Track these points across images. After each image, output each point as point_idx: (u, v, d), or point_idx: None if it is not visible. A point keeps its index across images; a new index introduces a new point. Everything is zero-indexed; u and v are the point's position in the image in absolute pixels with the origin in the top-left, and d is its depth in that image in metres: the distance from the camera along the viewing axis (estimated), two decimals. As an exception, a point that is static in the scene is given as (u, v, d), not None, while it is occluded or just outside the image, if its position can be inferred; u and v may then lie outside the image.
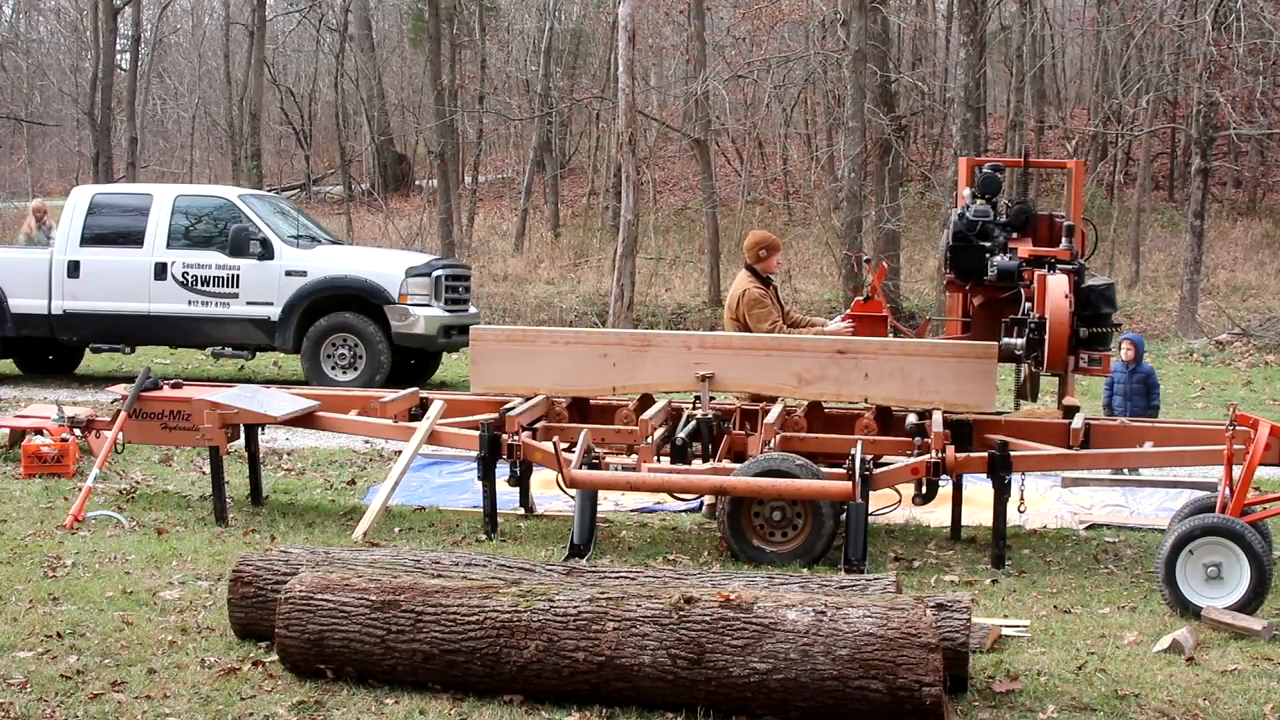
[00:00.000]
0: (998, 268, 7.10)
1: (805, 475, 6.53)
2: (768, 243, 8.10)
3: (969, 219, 7.29)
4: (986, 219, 7.29)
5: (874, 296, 8.37)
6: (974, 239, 7.25)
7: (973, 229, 7.27)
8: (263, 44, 29.70)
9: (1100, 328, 7.01)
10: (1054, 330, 6.65)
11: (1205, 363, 16.26)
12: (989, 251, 7.17)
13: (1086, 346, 6.94)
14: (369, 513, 7.20)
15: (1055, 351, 6.71)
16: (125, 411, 7.73)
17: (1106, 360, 7.16)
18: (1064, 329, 6.66)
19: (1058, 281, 6.74)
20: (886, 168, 20.86)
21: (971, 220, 7.29)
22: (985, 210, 7.34)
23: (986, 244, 7.20)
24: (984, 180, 7.53)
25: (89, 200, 14.01)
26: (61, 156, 40.05)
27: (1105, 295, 6.98)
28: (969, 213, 7.32)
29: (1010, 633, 5.39)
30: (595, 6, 33.75)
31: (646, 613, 4.47)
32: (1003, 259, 7.10)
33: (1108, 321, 7.03)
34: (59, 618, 5.52)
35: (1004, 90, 32.08)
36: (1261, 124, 21.55)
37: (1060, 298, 6.66)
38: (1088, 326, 6.95)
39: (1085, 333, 6.89)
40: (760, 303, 7.86)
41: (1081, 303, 6.90)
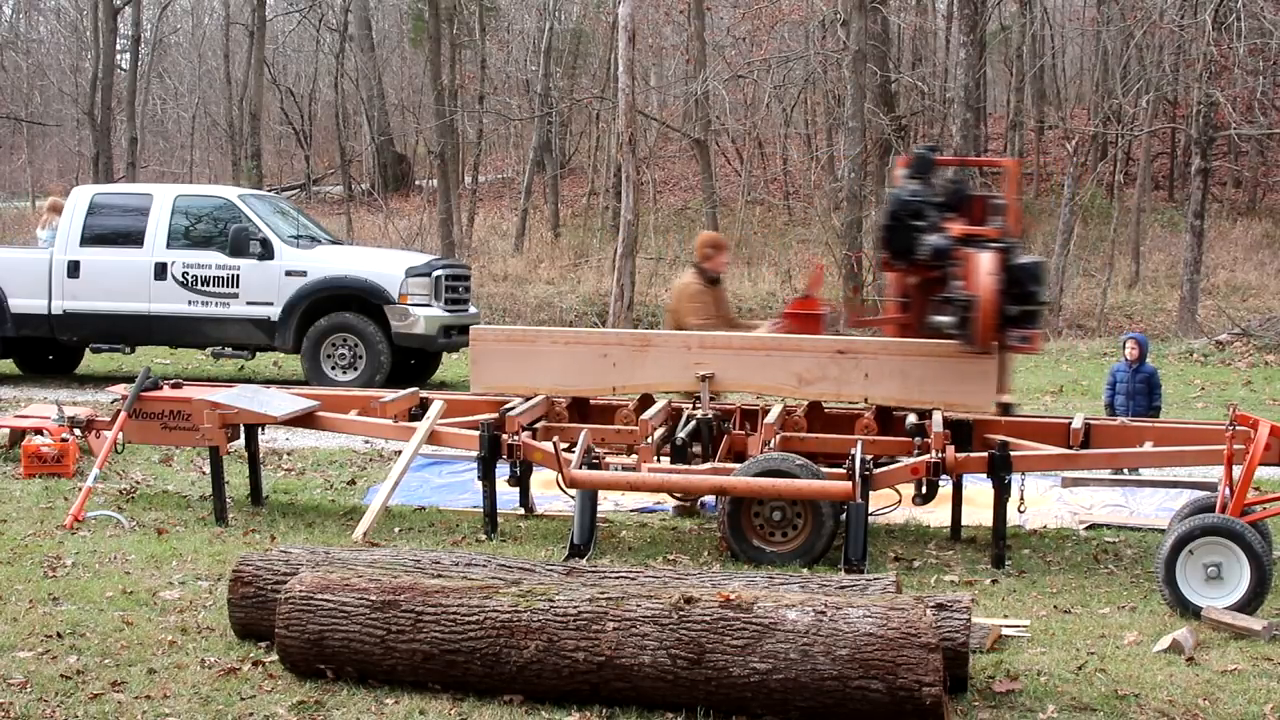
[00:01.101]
0: (930, 246, 7.09)
1: (805, 475, 6.53)
2: (714, 242, 8.37)
3: (902, 199, 7.32)
4: (920, 198, 7.32)
5: (810, 295, 8.48)
6: (907, 219, 7.27)
7: (906, 208, 7.29)
8: (263, 44, 29.70)
9: (1029, 305, 7.02)
10: (982, 306, 6.68)
11: (1205, 363, 16.26)
12: (922, 231, 7.18)
13: (1016, 324, 6.99)
14: (369, 513, 7.20)
15: (984, 328, 6.73)
16: (125, 411, 7.73)
17: (1036, 339, 7.19)
18: (992, 305, 6.67)
19: (985, 259, 6.74)
20: (886, 168, 20.86)
21: (905, 200, 7.31)
22: (919, 190, 7.37)
23: (920, 223, 7.20)
24: (917, 160, 7.54)
25: (89, 200, 14.00)
26: (61, 156, 40.05)
27: (1033, 273, 7.02)
28: (904, 193, 7.35)
29: (1010, 633, 5.39)
30: (595, 6, 33.75)
31: (646, 613, 4.47)
32: (935, 238, 7.09)
33: (1036, 299, 7.05)
34: (59, 618, 5.52)
35: (1004, 90, 32.10)
36: (1261, 124, 21.55)
37: (987, 275, 6.68)
38: (1017, 304, 6.96)
39: (1015, 311, 6.94)
40: (697, 297, 8.06)
41: (1010, 281, 6.89)
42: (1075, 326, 19.96)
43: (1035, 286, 6.99)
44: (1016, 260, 6.93)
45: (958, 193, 7.51)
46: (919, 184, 7.35)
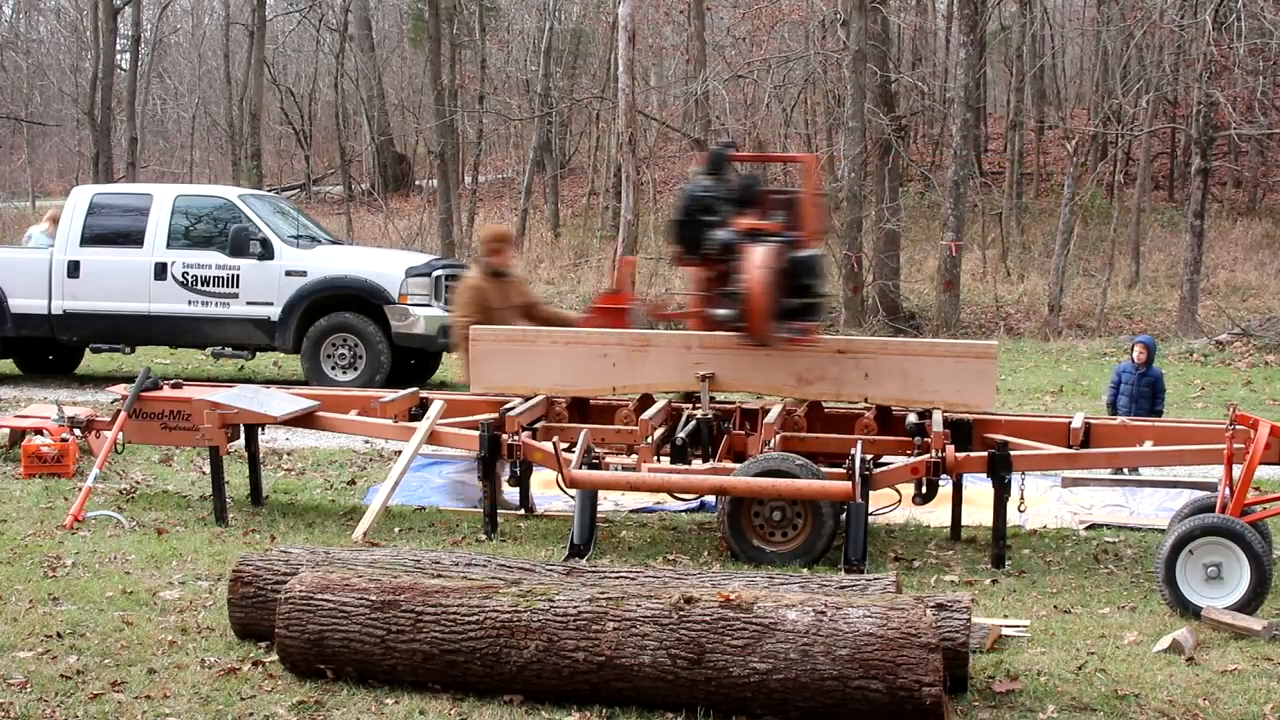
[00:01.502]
0: (717, 241, 7.22)
1: (805, 475, 6.53)
2: (498, 236, 8.49)
3: (694, 194, 7.45)
4: (710, 194, 7.44)
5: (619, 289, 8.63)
6: (698, 213, 7.39)
7: (697, 203, 7.42)
8: (263, 44, 29.70)
9: (806, 298, 7.17)
10: (753, 299, 6.80)
11: (1205, 363, 16.25)
12: (712, 226, 7.28)
13: (794, 316, 7.10)
14: (369, 513, 7.20)
15: (756, 320, 6.87)
16: (125, 411, 7.74)
17: (811, 330, 7.30)
18: (763, 298, 6.78)
19: (759, 252, 6.87)
20: (886, 168, 20.86)
21: (696, 195, 7.44)
22: (711, 186, 7.49)
23: (710, 218, 7.33)
24: (712, 156, 7.69)
25: (89, 200, 14.00)
26: (61, 156, 40.06)
27: (809, 266, 7.15)
28: (694, 188, 7.49)
29: (1010, 633, 5.39)
30: (595, 6, 33.75)
31: (646, 613, 4.47)
32: (722, 232, 7.22)
33: (813, 292, 7.20)
34: (59, 618, 5.52)
35: (1004, 90, 32.09)
36: (1261, 124, 21.54)
37: (759, 267, 6.79)
38: (794, 297, 7.10)
39: (793, 303, 7.05)
40: (464, 293, 8.21)
41: (787, 274, 7.02)
42: (1075, 326, 19.95)
43: (812, 279, 7.19)
44: (794, 254, 7.09)
45: (748, 188, 7.66)
46: (712, 180, 7.52)
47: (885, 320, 19.19)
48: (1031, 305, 21.47)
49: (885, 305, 19.67)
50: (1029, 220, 27.15)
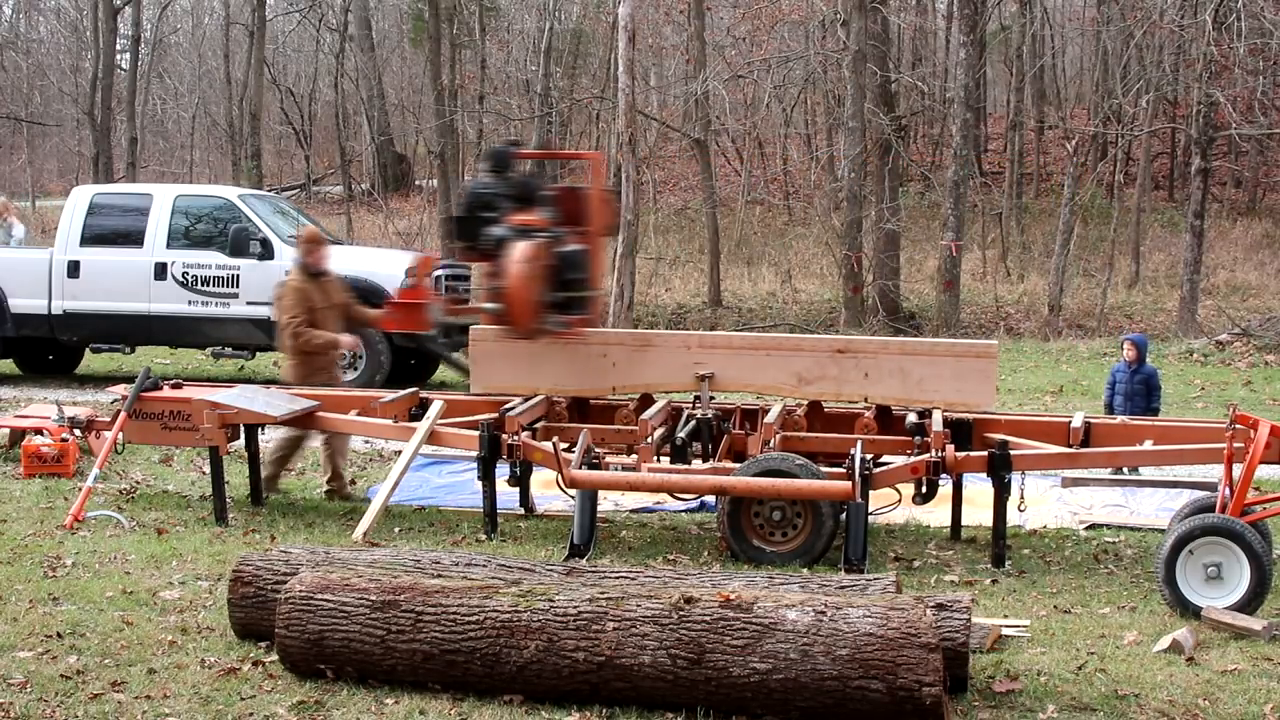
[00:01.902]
0: (492, 237, 7.41)
1: (805, 475, 6.53)
2: (311, 238, 8.74)
3: (474, 191, 7.63)
4: (491, 191, 7.59)
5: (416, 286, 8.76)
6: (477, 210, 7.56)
7: (476, 200, 7.58)
8: (263, 44, 29.69)
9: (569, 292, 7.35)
10: (510, 293, 7.00)
11: (1205, 363, 16.25)
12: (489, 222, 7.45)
13: (559, 310, 7.26)
14: (369, 513, 7.20)
15: (515, 313, 7.06)
16: (125, 411, 7.74)
17: (575, 324, 7.45)
18: (520, 292, 6.97)
19: (520, 247, 7.05)
20: (886, 168, 20.86)
21: (476, 192, 7.67)
22: (490, 183, 7.65)
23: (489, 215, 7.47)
24: (492, 154, 7.86)
25: (89, 200, 14.00)
26: (61, 156, 40.05)
27: (572, 261, 7.31)
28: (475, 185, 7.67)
29: (1010, 633, 5.39)
30: (595, 6, 33.73)
31: (646, 613, 4.47)
32: (496, 229, 7.41)
33: (578, 286, 7.37)
34: (59, 618, 5.52)
35: (1004, 90, 32.10)
36: (1261, 124, 21.54)
37: (518, 263, 6.97)
38: (558, 291, 7.29)
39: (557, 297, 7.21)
40: (284, 296, 8.44)
41: (552, 268, 7.22)
42: (1075, 326, 19.95)
43: (576, 274, 7.38)
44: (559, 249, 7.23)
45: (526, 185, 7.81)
46: (493, 177, 7.69)
47: (885, 320, 19.19)
48: (1031, 305, 21.47)
49: (885, 305, 19.67)
50: (1029, 220, 27.15)
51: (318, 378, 8.48)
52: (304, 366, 8.47)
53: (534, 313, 7.05)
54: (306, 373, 8.45)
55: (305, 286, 8.48)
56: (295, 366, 8.48)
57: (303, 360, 8.46)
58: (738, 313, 21.35)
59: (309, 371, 8.46)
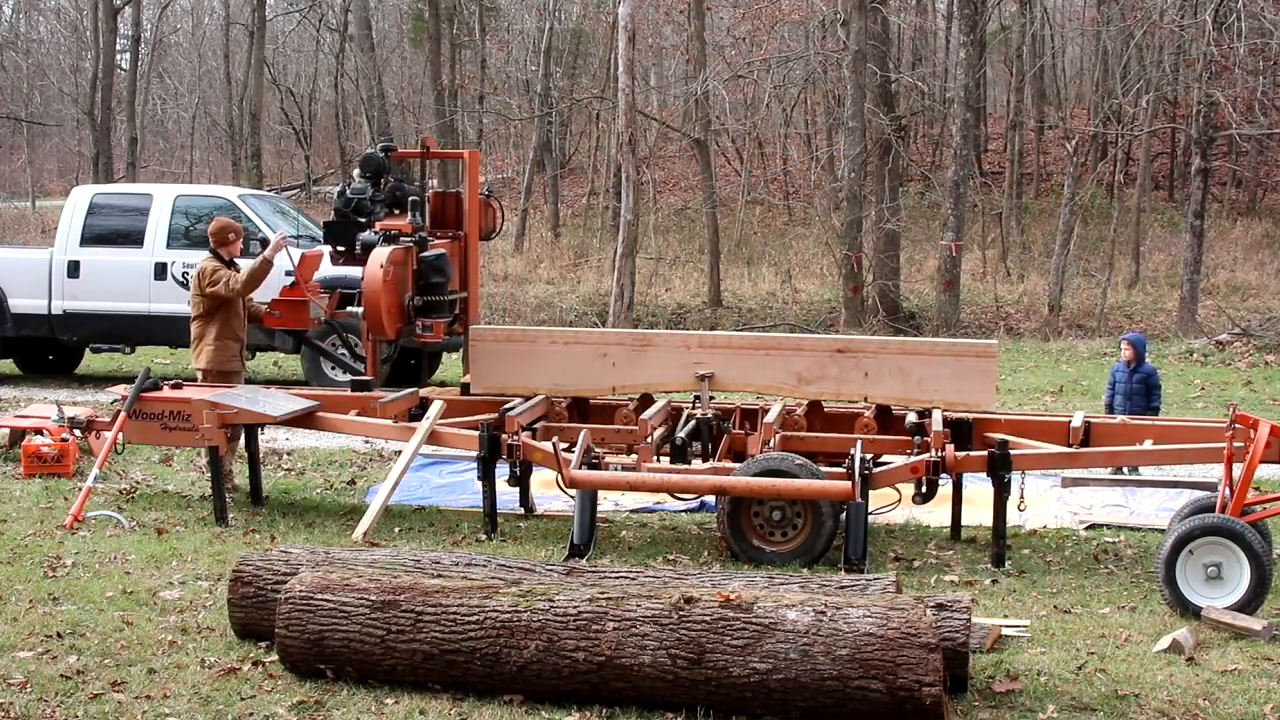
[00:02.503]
0: (362, 242, 7.52)
1: (805, 475, 6.53)
2: (230, 229, 8.67)
3: (347, 196, 7.67)
4: (363, 196, 7.64)
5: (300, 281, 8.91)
6: (350, 215, 7.59)
7: (349, 205, 7.63)
8: (263, 44, 29.69)
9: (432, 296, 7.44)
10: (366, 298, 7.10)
11: (1205, 363, 16.25)
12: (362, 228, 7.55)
13: (422, 314, 7.28)
14: (369, 513, 7.20)
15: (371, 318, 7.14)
16: (125, 412, 7.73)
17: (438, 328, 7.59)
18: (376, 297, 7.05)
19: (376, 254, 7.15)
20: (886, 168, 20.85)
21: (349, 198, 7.67)
22: (363, 188, 7.67)
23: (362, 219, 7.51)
24: (365, 159, 7.88)
25: (89, 200, 14.00)
26: (61, 156, 40.05)
27: (435, 265, 7.42)
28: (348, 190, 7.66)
29: (1010, 633, 5.39)
30: (595, 6, 33.73)
31: (646, 613, 4.47)
32: (367, 234, 7.55)
33: (441, 290, 7.45)
34: (59, 618, 5.52)
35: (1004, 90, 32.09)
36: (1261, 124, 21.53)
37: (375, 268, 7.06)
38: (421, 295, 7.38)
39: (417, 301, 7.23)
40: (213, 271, 8.37)
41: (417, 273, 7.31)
42: (1075, 326, 19.95)
43: (436, 278, 7.46)
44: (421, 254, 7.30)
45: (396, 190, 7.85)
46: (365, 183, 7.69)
47: (885, 320, 19.19)
48: (1031, 305, 21.47)
49: (885, 305, 19.67)
50: (1029, 220, 27.15)
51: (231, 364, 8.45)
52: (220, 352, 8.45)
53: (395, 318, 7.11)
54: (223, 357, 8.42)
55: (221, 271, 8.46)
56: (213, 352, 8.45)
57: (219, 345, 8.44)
58: (738, 313, 21.34)
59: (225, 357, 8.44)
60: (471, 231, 8.16)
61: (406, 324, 7.28)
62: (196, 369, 8.57)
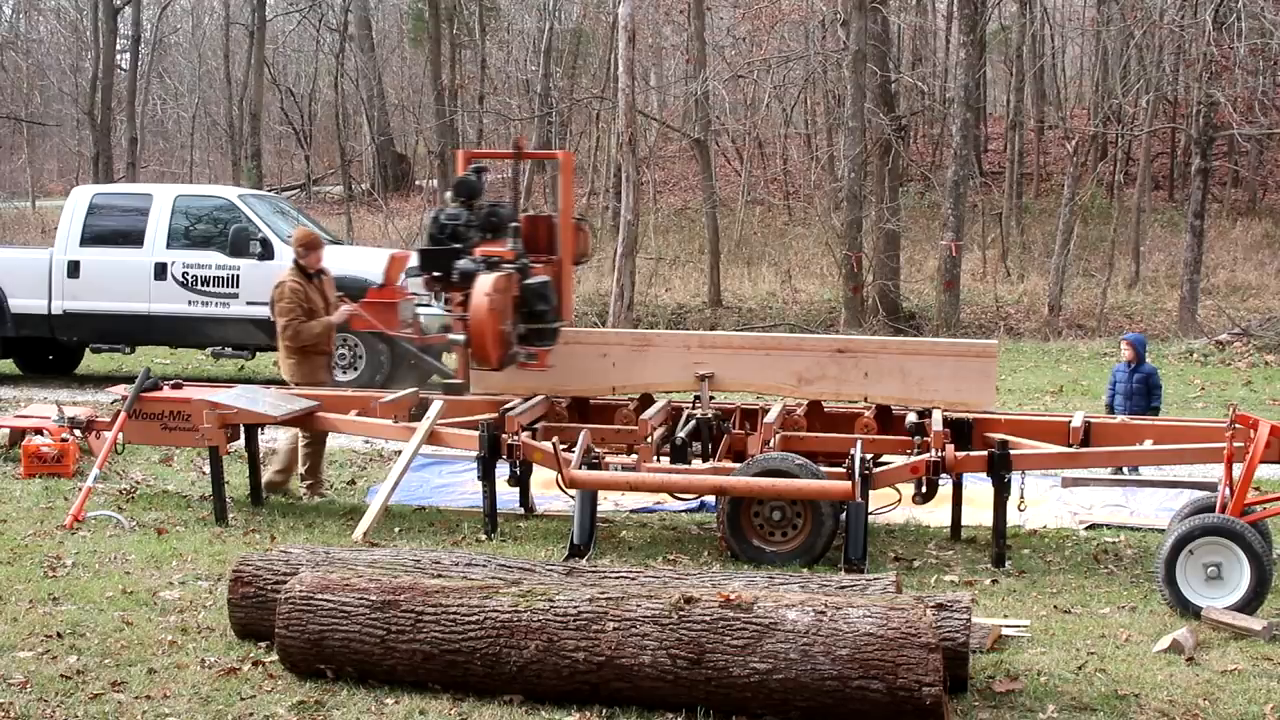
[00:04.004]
0: (459, 270, 7.34)
1: (805, 475, 6.53)
2: (306, 241, 8.72)
3: (441, 222, 7.55)
4: (458, 221, 7.53)
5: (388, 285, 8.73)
6: (446, 241, 7.50)
7: (444, 231, 7.53)
8: (263, 44, 29.68)
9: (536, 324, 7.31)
10: (474, 325, 6.96)
11: (1205, 363, 16.25)
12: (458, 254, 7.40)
13: (525, 342, 7.19)
14: (369, 513, 7.20)
15: (478, 346, 7.01)
16: (125, 412, 7.74)
17: (542, 356, 7.40)
18: (482, 324, 6.93)
19: (484, 280, 7.01)
20: (886, 168, 20.85)
21: (443, 223, 7.56)
22: (458, 213, 7.58)
23: (458, 246, 7.42)
24: (459, 183, 7.78)
25: (89, 200, 14.00)
26: (61, 156, 40.05)
27: (539, 292, 7.27)
28: (442, 215, 7.58)
29: (1010, 633, 5.39)
30: (595, 6, 33.72)
31: (646, 613, 4.47)
32: (464, 261, 7.35)
33: (545, 318, 7.32)
34: (59, 618, 5.52)
35: (1004, 90, 32.07)
36: (1261, 124, 21.53)
37: (481, 295, 6.94)
38: (526, 323, 7.24)
39: (521, 329, 7.14)
40: (283, 297, 8.43)
41: (520, 300, 7.18)
42: (1075, 326, 19.95)
43: (541, 306, 7.30)
44: (525, 281, 7.21)
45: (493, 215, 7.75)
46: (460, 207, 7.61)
47: (885, 320, 19.19)
48: (1031, 305, 21.47)
49: (885, 305, 19.67)
50: (1029, 220, 27.14)
51: (317, 375, 8.49)
52: (303, 364, 8.49)
53: (499, 346, 7.05)
54: (306, 370, 8.47)
55: (302, 287, 8.52)
56: (294, 365, 8.51)
57: (301, 358, 8.48)
58: (738, 313, 21.34)
59: (309, 369, 8.48)
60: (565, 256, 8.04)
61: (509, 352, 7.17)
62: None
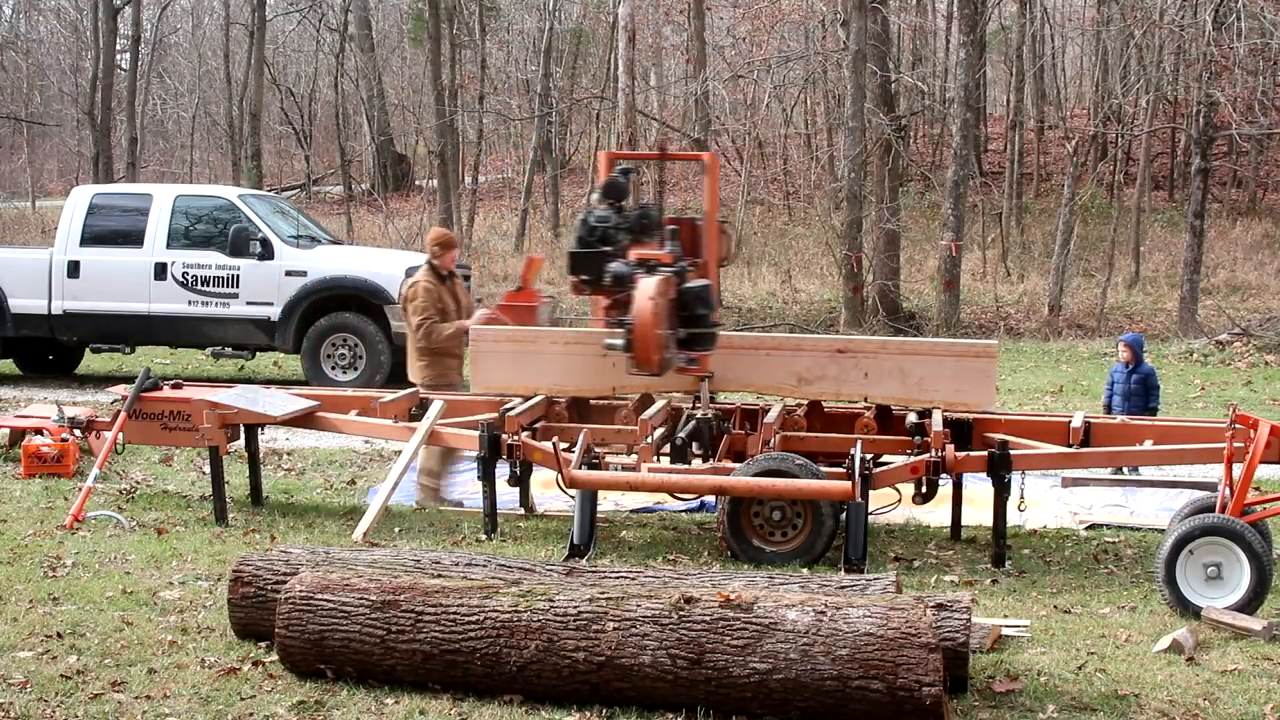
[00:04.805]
0: (611, 273, 7.24)
1: (805, 475, 6.53)
2: (441, 240, 8.59)
3: (590, 224, 7.48)
4: (607, 224, 7.46)
5: (525, 287, 8.79)
6: (595, 243, 7.41)
7: (593, 234, 7.44)
8: (263, 44, 29.68)
9: (697, 328, 7.17)
10: (638, 330, 6.81)
11: (1205, 363, 16.25)
12: (609, 257, 7.31)
13: (685, 346, 7.10)
14: (369, 513, 7.20)
15: (642, 351, 6.86)
16: (125, 412, 7.74)
17: (704, 361, 7.30)
18: (648, 329, 6.79)
19: (647, 283, 6.89)
20: (886, 168, 20.85)
21: (593, 225, 7.47)
22: (607, 215, 7.50)
23: (608, 248, 7.35)
24: (608, 185, 7.68)
25: (89, 200, 14.01)
26: (61, 156, 40.04)
27: (700, 296, 7.16)
28: (591, 218, 7.50)
29: (1010, 633, 5.39)
30: (595, 6, 33.74)
31: (646, 613, 4.47)
32: (617, 264, 7.25)
33: (705, 322, 7.19)
34: (59, 618, 5.52)
35: (1004, 90, 32.08)
36: (1261, 124, 21.54)
37: (646, 299, 6.81)
38: (685, 327, 7.11)
39: (682, 334, 7.05)
40: (416, 297, 8.31)
41: (679, 304, 7.05)
42: (1075, 326, 19.95)
43: (702, 310, 7.16)
44: (684, 285, 7.09)
45: (644, 217, 7.67)
46: (609, 209, 7.52)
47: (885, 320, 19.19)
48: (1031, 305, 21.47)
49: (885, 305, 19.67)
50: (1029, 220, 27.14)
51: (448, 378, 8.39)
52: (434, 366, 8.36)
53: (661, 349, 6.93)
54: (437, 372, 8.35)
55: (436, 288, 8.40)
56: (425, 367, 8.36)
57: (432, 360, 8.35)
58: (738, 313, 21.34)
59: (439, 371, 8.36)
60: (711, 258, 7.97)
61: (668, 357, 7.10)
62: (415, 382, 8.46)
